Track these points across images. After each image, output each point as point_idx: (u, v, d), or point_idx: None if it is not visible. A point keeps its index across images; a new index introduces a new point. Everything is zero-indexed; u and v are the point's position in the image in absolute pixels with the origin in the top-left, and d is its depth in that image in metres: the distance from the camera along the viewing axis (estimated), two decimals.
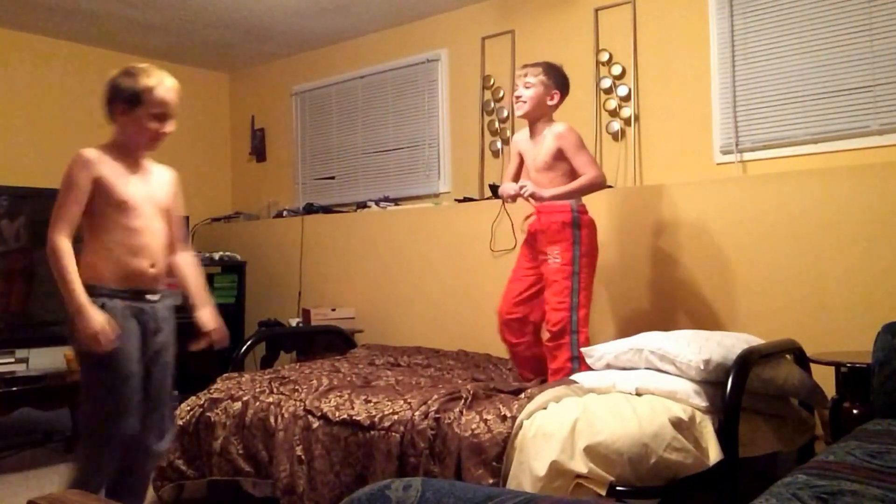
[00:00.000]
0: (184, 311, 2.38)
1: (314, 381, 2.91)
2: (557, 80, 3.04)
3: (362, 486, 2.42)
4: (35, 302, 4.07)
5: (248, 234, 5.27)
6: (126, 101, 2.24)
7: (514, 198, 3.07)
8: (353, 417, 2.55)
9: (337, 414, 2.60)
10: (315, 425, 2.62)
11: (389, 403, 2.56)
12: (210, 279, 4.87)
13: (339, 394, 2.74)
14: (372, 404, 2.59)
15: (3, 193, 4.03)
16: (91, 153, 2.22)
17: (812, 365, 2.77)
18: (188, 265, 2.49)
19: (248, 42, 5.06)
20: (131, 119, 2.26)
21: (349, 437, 2.52)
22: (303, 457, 2.60)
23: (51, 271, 2.15)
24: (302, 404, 2.72)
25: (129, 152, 2.31)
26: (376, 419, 2.50)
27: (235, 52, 5.27)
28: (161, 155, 2.37)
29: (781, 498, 1.40)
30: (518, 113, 3.07)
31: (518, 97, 3.04)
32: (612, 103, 3.81)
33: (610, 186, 3.75)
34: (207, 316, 2.44)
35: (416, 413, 2.44)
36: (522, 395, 2.44)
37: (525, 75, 3.02)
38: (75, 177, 2.19)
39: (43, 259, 2.19)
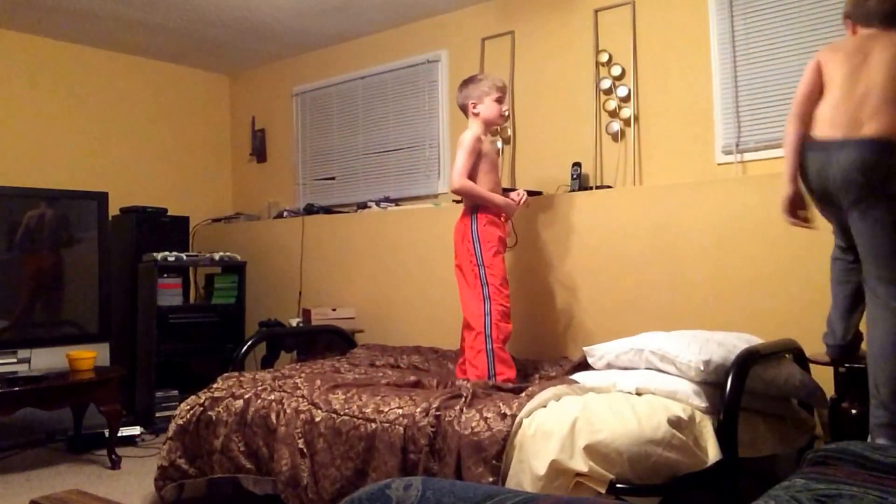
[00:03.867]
0: (182, 311, 2.37)
1: (318, 381, 2.92)
2: None
3: (363, 481, 2.44)
4: (37, 302, 4.07)
5: (248, 234, 5.28)
6: None
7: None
8: (362, 409, 2.57)
9: (346, 406, 2.62)
10: (318, 418, 2.63)
11: (396, 399, 2.57)
12: (210, 280, 4.88)
13: (345, 390, 2.76)
14: (380, 398, 2.61)
15: (6, 194, 4.04)
16: None
17: (811, 365, 2.77)
18: None
19: (249, 42, 5.07)
20: None
21: (351, 430, 2.53)
22: (305, 450, 2.61)
23: (51, 273, 2.08)
24: (306, 400, 2.73)
25: None
26: (382, 412, 2.52)
27: (236, 53, 5.28)
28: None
29: (780, 500, 1.41)
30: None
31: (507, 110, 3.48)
32: (612, 104, 3.82)
33: (609, 187, 3.77)
34: None
35: (418, 410, 2.45)
36: (523, 394, 2.45)
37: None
38: None
39: (43, 259, 2.12)
